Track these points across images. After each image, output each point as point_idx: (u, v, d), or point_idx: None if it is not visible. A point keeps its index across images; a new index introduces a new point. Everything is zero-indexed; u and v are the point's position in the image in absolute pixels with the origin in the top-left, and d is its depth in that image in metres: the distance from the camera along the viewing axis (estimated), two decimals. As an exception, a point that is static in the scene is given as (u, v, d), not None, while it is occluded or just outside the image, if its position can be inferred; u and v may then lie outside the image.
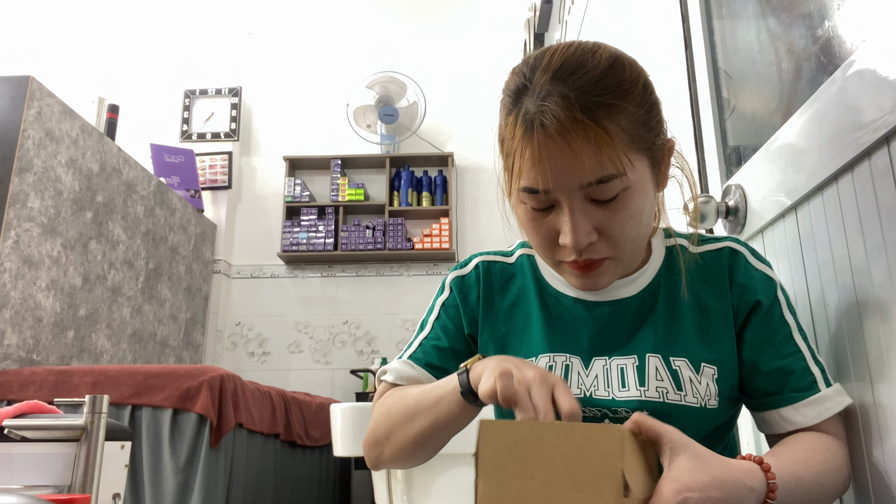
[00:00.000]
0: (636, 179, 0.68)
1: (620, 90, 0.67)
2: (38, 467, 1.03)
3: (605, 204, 0.68)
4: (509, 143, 0.70)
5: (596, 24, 2.19)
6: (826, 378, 0.75)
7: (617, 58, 0.70)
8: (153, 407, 2.15)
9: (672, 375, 0.74)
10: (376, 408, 0.81)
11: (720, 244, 0.82)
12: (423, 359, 0.84)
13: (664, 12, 1.46)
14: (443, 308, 0.87)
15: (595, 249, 0.71)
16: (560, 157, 0.65)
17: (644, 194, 0.70)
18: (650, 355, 0.76)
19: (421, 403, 0.73)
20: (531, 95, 0.68)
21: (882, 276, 0.70)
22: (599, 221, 0.69)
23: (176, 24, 4.40)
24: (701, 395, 0.74)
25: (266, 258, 4.04)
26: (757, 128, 1.09)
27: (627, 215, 0.69)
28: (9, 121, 2.40)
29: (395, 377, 0.83)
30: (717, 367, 0.76)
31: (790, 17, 0.99)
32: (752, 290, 0.78)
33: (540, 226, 0.72)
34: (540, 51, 0.73)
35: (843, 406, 0.74)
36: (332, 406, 1.91)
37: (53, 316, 2.58)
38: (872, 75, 0.70)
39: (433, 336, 0.85)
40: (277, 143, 4.22)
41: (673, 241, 0.84)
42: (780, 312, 0.78)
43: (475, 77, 4.23)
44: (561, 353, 0.79)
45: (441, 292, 0.89)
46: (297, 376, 3.85)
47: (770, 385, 0.76)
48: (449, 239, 3.86)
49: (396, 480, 1.83)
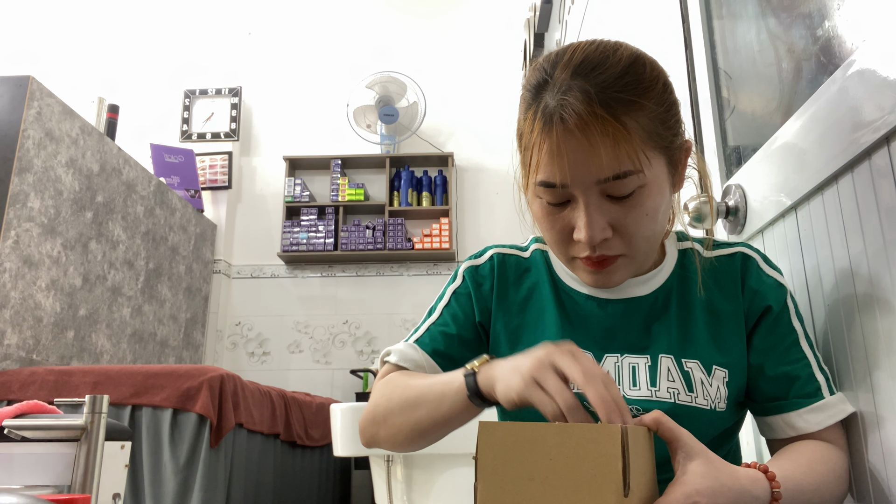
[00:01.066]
0: (653, 177, 0.69)
1: (640, 88, 0.67)
2: (38, 467, 1.03)
3: (620, 200, 0.68)
4: (528, 137, 0.70)
5: (596, 24, 2.19)
6: (830, 386, 0.76)
7: (638, 56, 0.70)
8: (153, 407, 2.15)
9: (684, 377, 0.75)
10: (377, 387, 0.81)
11: (733, 249, 0.83)
12: (429, 344, 0.83)
13: (664, 12, 1.46)
14: (454, 296, 0.86)
15: (609, 246, 0.71)
16: (578, 152, 0.66)
17: (660, 193, 0.70)
18: (663, 356, 0.76)
19: (423, 396, 0.72)
20: (551, 90, 0.68)
21: (882, 277, 0.70)
22: (614, 218, 0.69)
23: (176, 24, 4.40)
24: (712, 397, 0.74)
25: (266, 258, 4.04)
26: (757, 128, 1.09)
27: (643, 212, 0.69)
28: (9, 121, 2.40)
29: (399, 359, 0.82)
30: (727, 371, 0.76)
31: (790, 17, 0.99)
32: (763, 295, 0.79)
33: (555, 221, 0.72)
34: (562, 47, 0.73)
35: (846, 414, 0.74)
36: (332, 406, 1.91)
37: (53, 316, 2.58)
38: (872, 75, 0.70)
39: (441, 322, 0.85)
40: (277, 143, 4.22)
41: (686, 245, 0.84)
42: (788, 319, 0.78)
43: (475, 77, 4.23)
44: None
45: (453, 280, 0.88)
46: (297, 376, 3.85)
47: (775, 390, 0.76)
48: (449, 239, 3.86)
49: (396, 480, 1.83)
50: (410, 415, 0.73)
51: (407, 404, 0.74)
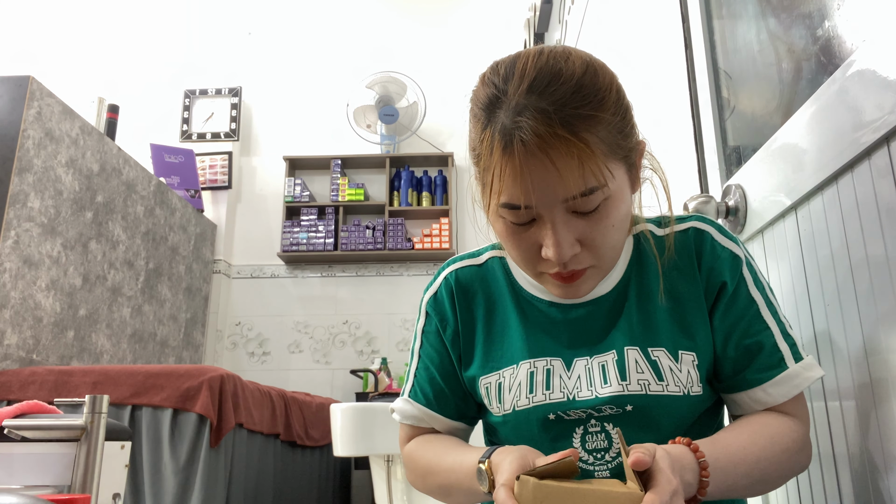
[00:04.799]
0: (616, 188, 0.68)
1: (596, 99, 0.65)
2: (38, 467, 1.03)
3: (587, 215, 0.68)
4: (486, 159, 0.68)
5: (596, 24, 2.19)
6: (796, 352, 0.75)
7: (589, 64, 0.68)
8: (153, 407, 2.15)
9: (652, 366, 0.74)
10: (405, 458, 0.87)
11: (685, 224, 0.80)
12: (421, 395, 0.87)
13: (664, 12, 1.46)
14: (424, 336, 0.89)
15: (578, 260, 0.70)
16: (541, 173, 0.64)
17: (623, 201, 0.70)
18: (628, 348, 0.76)
19: (454, 486, 0.77)
20: (506, 109, 0.66)
21: (882, 277, 0.70)
22: (582, 232, 0.69)
23: (176, 24, 4.40)
24: (683, 383, 0.74)
25: (266, 258, 4.04)
26: (757, 128, 1.09)
27: (609, 224, 0.69)
28: (9, 121, 2.40)
29: (402, 418, 0.88)
30: (695, 354, 0.76)
31: (790, 17, 0.99)
32: (718, 271, 0.77)
33: (521, 240, 0.71)
34: (510, 59, 0.71)
35: (811, 381, 0.74)
36: (332, 406, 1.91)
37: (53, 316, 2.58)
38: (872, 75, 0.70)
39: (422, 367, 0.88)
40: (277, 143, 4.22)
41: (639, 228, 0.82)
42: (746, 291, 0.77)
43: (475, 77, 4.21)
44: (541, 357, 0.79)
45: (419, 318, 0.90)
46: (297, 376, 3.85)
47: (738, 366, 0.76)
48: (449, 239, 3.86)
49: (396, 480, 1.83)
50: (448, 498, 0.81)
51: (442, 491, 0.80)
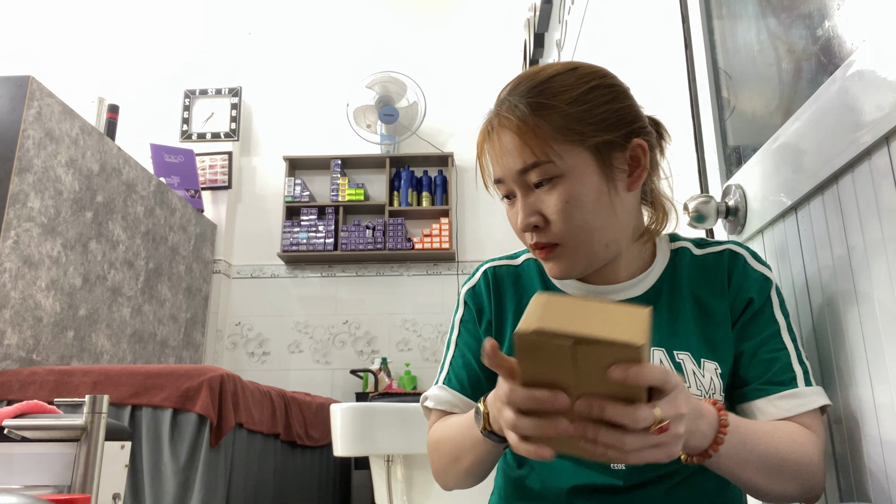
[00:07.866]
0: (568, 169, 0.75)
1: (552, 92, 0.76)
2: (38, 467, 1.03)
3: (539, 189, 0.77)
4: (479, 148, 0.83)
5: (596, 24, 2.19)
6: (808, 378, 0.77)
7: (569, 70, 0.78)
8: (153, 407, 2.14)
9: (676, 368, 0.77)
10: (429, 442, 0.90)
11: (721, 247, 0.87)
12: (455, 381, 0.90)
13: (664, 12, 1.46)
14: (462, 325, 0.93)
15: (542, 233, 0.78)
16: (499, 149, 0.78)
17: (581, 183, 0.75)
18: (655, 349, 0.79)
19: (461, 447, 0.79)
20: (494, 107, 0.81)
21: (882, 277, 0.70)
22: (538, 205, 0.77)
23: (176, 24, 4.40)
24: (705, 388, 0.77)
25: (266, 258, 4.04)
26: (757, 128, 1.09)
27: (562, 200, 0.75)
28: (9, 121, 2.40)
29: (435, 403, 0.90)
30: (718, 363, 0.79)
31: (790, 17, 0.99)
32: (747, 288, 0.82)
33: (512, 214, 0.81)
34: None
35: (819, 404, 0.75)
36: (332, 406, 1.91)
37: (53, 316, 2.58)
38: (872, 75, 0.70)
39: (459, 354, 0.91)
40: (277, 143, 4.22)
41: (678, 245, 0.89)
42: (771, 311, 0.81)
43: (475, 77, 4.23)
44: None
45: (457, 309, 0.94)
46: (297, 376, 3.85)
47: (750, 377, 0.79)
48: (449, 239, 3.86)
49: (396, 480, 1.83)
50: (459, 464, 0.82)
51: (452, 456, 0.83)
